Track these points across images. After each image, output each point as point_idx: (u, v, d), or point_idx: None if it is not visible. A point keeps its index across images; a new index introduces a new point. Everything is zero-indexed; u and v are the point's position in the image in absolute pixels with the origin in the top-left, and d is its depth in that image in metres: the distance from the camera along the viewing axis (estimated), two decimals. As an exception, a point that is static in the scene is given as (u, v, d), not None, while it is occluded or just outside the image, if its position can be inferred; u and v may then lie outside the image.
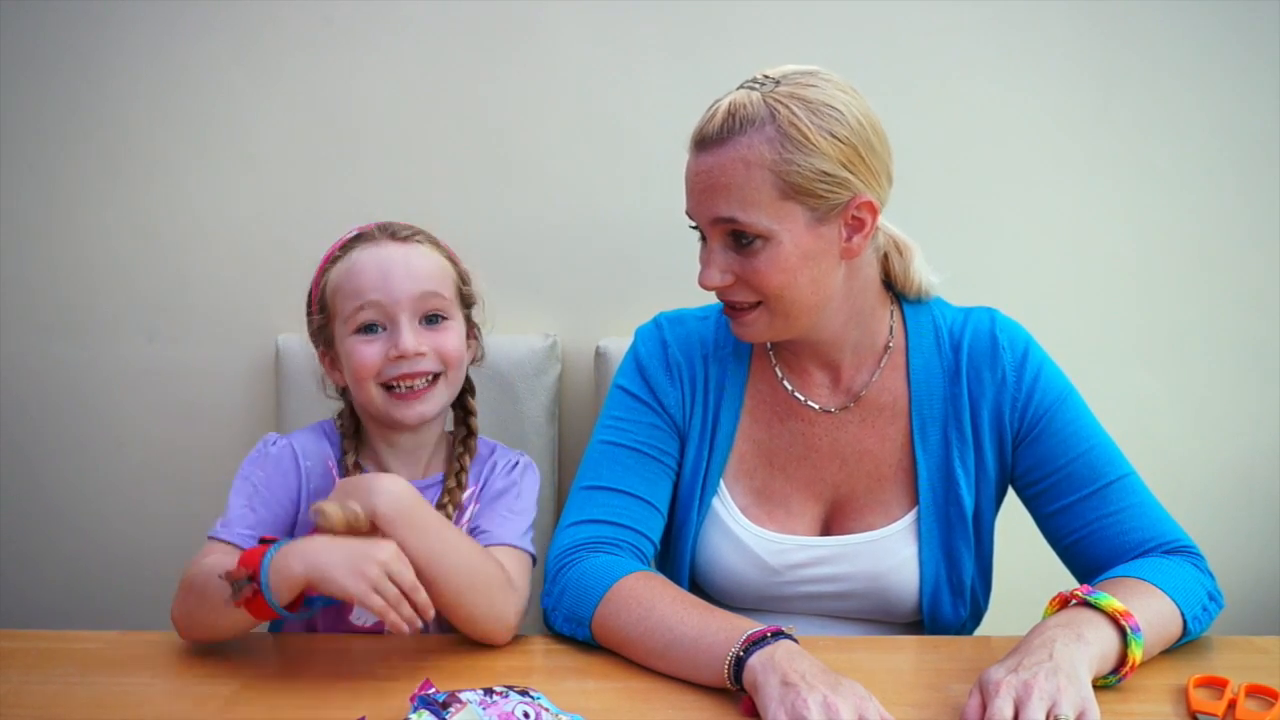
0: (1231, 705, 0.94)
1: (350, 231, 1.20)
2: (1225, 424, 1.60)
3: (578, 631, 1.07)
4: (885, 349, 1.18)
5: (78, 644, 1.08)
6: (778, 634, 0.95)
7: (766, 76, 1.07)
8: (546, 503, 1.53)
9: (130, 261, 1.60)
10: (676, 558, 1.20)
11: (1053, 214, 1.56)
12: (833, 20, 1.50)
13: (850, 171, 1.05)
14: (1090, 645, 0.92)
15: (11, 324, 1.63)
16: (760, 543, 1.16)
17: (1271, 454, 1.61)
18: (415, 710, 0.86)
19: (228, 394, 1.63)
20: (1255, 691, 0.96)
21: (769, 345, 1.20)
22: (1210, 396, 1.60)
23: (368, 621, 1.15)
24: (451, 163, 1.56)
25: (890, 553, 1.14)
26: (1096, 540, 1.10)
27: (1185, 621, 1.01)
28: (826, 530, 1.18)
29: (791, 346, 1.18)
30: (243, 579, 0.97)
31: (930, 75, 1.52)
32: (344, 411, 1.22)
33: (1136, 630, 0.95)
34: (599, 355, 1.53)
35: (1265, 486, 1.62)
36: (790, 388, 1.19)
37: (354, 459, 1.18)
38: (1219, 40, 1.50)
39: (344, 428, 1.21)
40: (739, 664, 0.93)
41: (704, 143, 1.06)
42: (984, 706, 0.87)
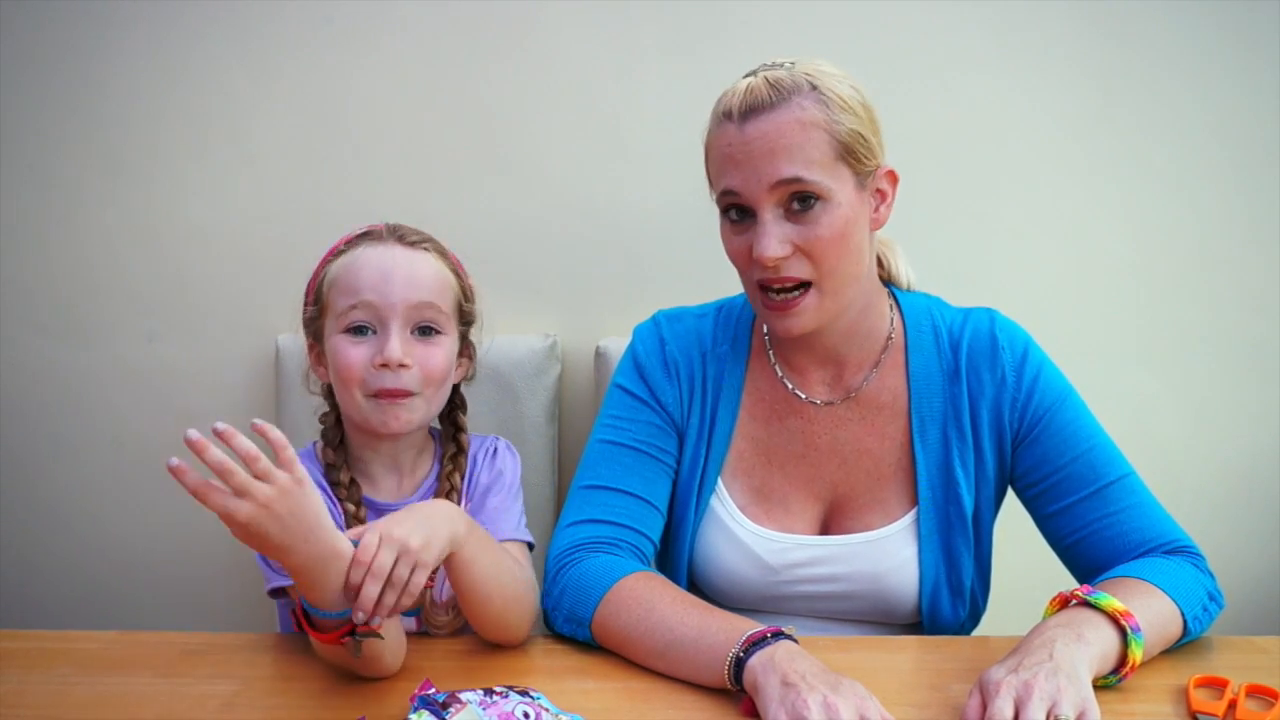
0: (1232, 705, 0.94)
1: (359, 228, 1.19)
2: (1225, 424, 1.60)
3: (578, 632, 1.07)
4: (885, 345, 1.18)
5: (78, 644, 1.08)
6: (778, 634, 0.95)
7: (774, 63, 1.08)
8: (546, 503, 1.54)
9: (130, 261, 1.60)
10: (674, 557, 1.20)
11: (1053, 214, 1.56)
12: (832, 20, 1.50)
13: (876, 138, 1.08)
14: (1090, 645, 0.92)
15: (11, 324, 1.63)
16: (759, 541, 1.16)
17: (1271, 454, 1.61)
18: (415, 710, 0.86)
19: (228, 394, 1.62)
20: (1255, 691, 0.96)
21: (768, 343, 1.20)
22: (1210, 396, 1.60)
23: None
24: (451, 162, 1.56)
25: (889, 553, 1.14)
26: (1097, 541, 1.10)
27: (1185, 621, 1.02)
28: (825, 529, 1.17)
29: (797, 344, 1.17)
30: (359, 636, 0.93)
31: (930, 75, 1.51)
32: (328, 417, 1.19)
33: (1137, 630, 0.95)
34: (599, 355, 1.53)
35: (1265, 486, 1.62)
36: (790, 385, 1.19)
37: (348, 477, 1.15)
38: (1219, 40, 1.50)
39: (328, 437, 1.17)
40: (739, 665, 0.93)
41: (753, 111, 1.04)
42: (984, 706, 0.87)
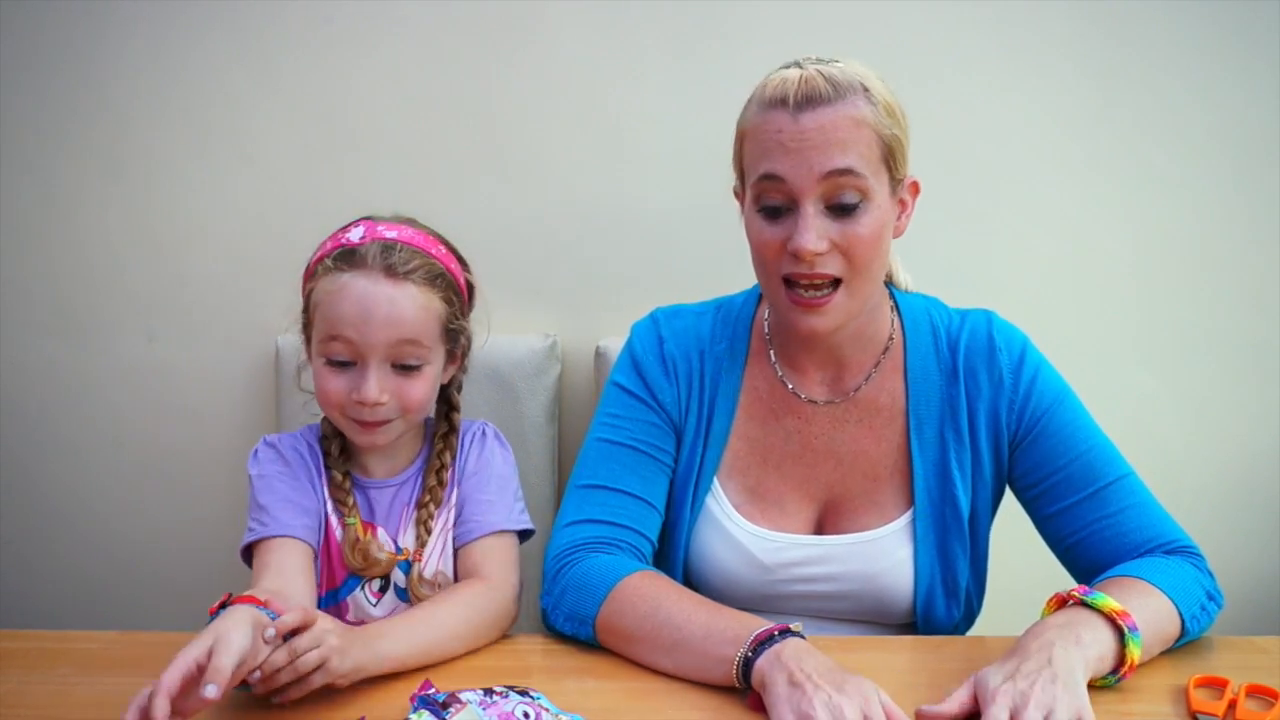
0: (1232, 705, 0.94)
1: (356, 225, 1.17)
2: (1225, 424, 1.60)
3: (580, 630, 1.07)
4: (886, 347, 1.18)
5: (78, 644, 1.08)
6: (785, 632, 0.95)
7: (818, 58, 1.08)
8: (546, 503, 1.54)
9: (130, 261, 1.60)
10: (670, 555, 1.20)
11: (1052, 214, 1.56)
12: (832, 20, 1.50)
13: (908, 147, 1.09)
14: (1088, 647, 0.92)
15: (11, 324, 1.63)
16: (753, 541, 1.16)
17: (1271, 454, 1.61)
18: (415, 710, 0.86)
19: (227, 394, 1.63)
20: (1255, 692, 0.96)
21: (769, 341, 1.20)
22: (1210, 396, 1.60)
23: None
24: (451, 163, 1.56)
25: (885, 554, 1.14)
26: (1096, 541, 1.10)
27: (1183, 621, 1.01)
28: (820, 530, 1.17)
29: (800, 343, 1.17)
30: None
31: (930, 75, 1.51)
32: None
33: (1134, 630, 0.95)
34: (599, 355, 1.53)
35: (1265, 486, 1.62)
36: (790, 385, 1.19)
37: (339, 448, 1.20)
38: (1219, 40, 1.50)
39: (327, 423, 1.21)
40: (747, 664, 0.93)
41: (809, 101, 1.03)
42: (974, 703, 0.89)
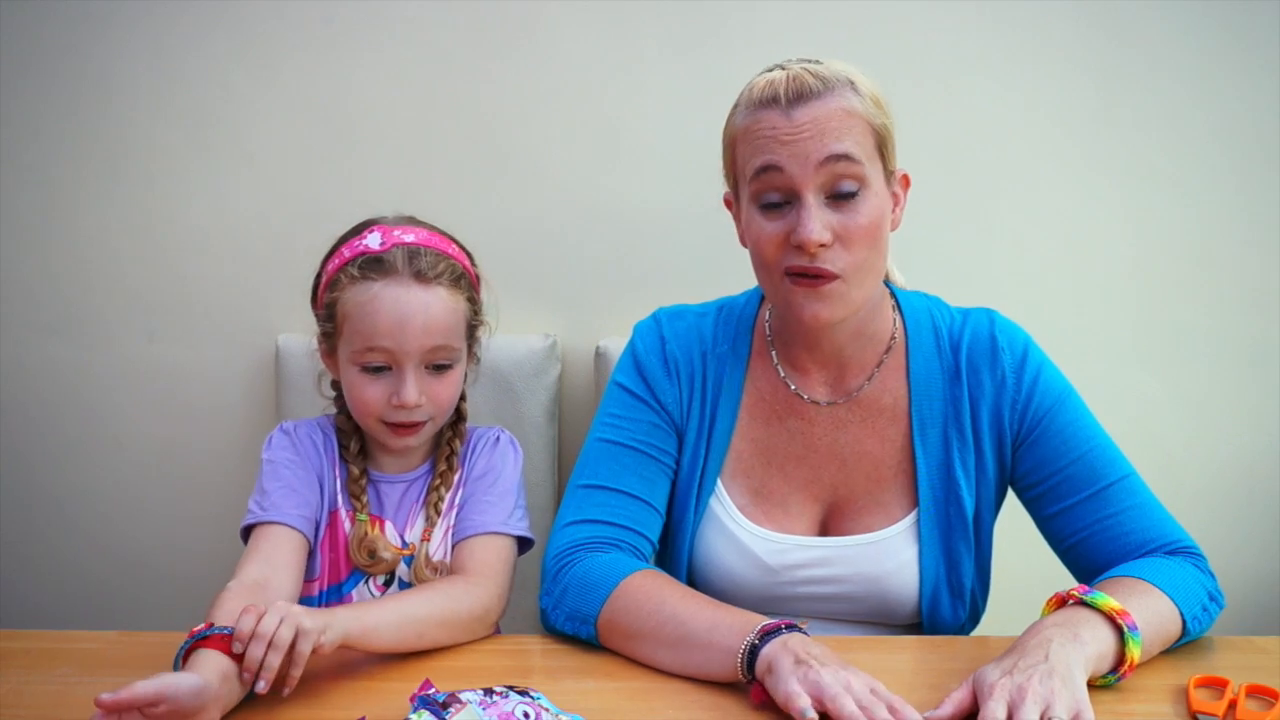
0: (1232, 705, 0.94)
1: (371, 230, 1.17)
2: (1225, 424, 1.60)
3: (581, 630, 1.06)
4: (888, 347, 1.18)
5: (78, 644, 1.08)
6: (791, 626, 0.96)
7: (801, 59, 1.09)
8: (546, 503, 1.54)
9: (130, 261, 1.60)
10: (674, 557, 1.20)
11: (1052, 214, 1.56)
12: (833, 20, 1.50)
13: (894, 141, 1.09)
14: (1086, 645, 0.92)
15: (11, 324, 1.63)
16: (758, 542, 1.15)
17: (1271, 454, 1.61)
18: (415, 710, 0.86)
19: (228, 394, 1.63)
20: (1255, 692, 0.96)
21: (771, 342, 1.20)
22: (1210, 396, 1.60)
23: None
24: (451, 162, 1.56)
25: (890, 555, 1.14)
26: (1098, 542, 1.10)
27: (1184, 621, 1.01)
28: (825, 531, 1.17)
29: (802, 342, 1.17)
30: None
31: (930, 75, 1.52)
32: (340, 401, 1.24)
33: (1134, 629, 0.95)
34: (599, 355, 1.53)
35: (1265, 486, 1.62)
36: (792, 385, 1.19)
37: (357, 445, 1.21)
38: (1219, 40, 1.50)
39: (343, 419, 1.23)
40: (753, 652, 0.93)
41: (800, 97, 1.04)
42: (973, 701, 0.89)
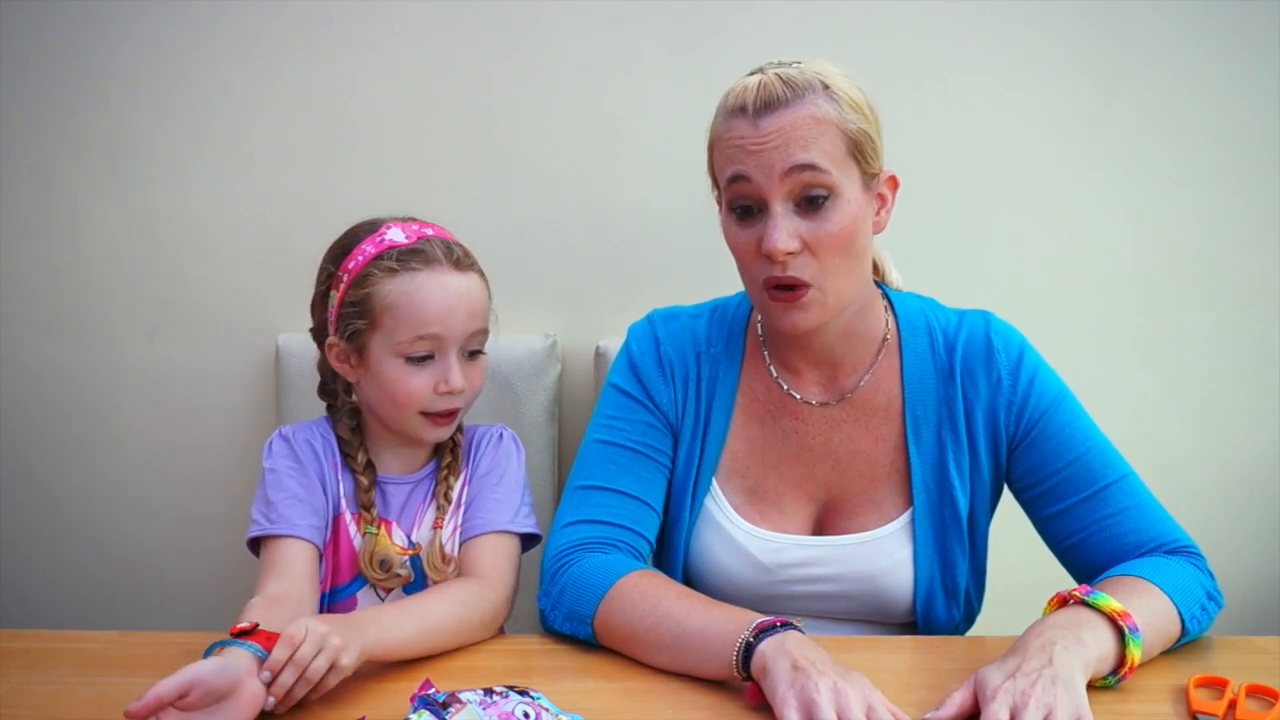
0: (1232, 705, 0.94)
1: (389, 226, 1.17)
2: (1225, 424, 1.60)
3: (579, 630, 1.07)
4: (880, 347, 1.18)
5: (78, 644, 1.08)
6: (786, 624, 0.96)
7: (780, 61, 1.08)
8: (546, 502, 1.53)
9: (130, 261, 1.60)
10: (670, 556, 1.20)
11: (1052, 214, 1.56)
12: (832, 20, 1.50)
13: (879, 140, 1.09)
14: (1088, 648, 0.92)
15: (11, 324, 1.63)
16: (753, 541, 1.16)
17: (1271, 454, 1.61)
18: (415, 710, 0.86)
19: (228, 394, 1.63)
20: (1255, 691, 0.96)
21: (763, 343, 1.20)
22: (1210, 396, 1.60)
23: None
24: (451, 162, 1.56)
25: (884, 554, 1.14)
26: (1096, 542, 1.10)
27: (1184, 621, 1.01)
28: (819, 530, 1.17)
29: (793, 344, 1.17)
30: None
31: (930, 75, 1.52)
32: (341, 410, 1.23)
33: (1135, 631, 0.95)
34: (599, 355, 1.53)
35: (1265, 486, 1.62)
36: (785, 386, 1.19)
37: (365, 458, 1.20)
38: (1219, 40, 1.50)
39: (346, 420, 1.22)
40: (748, 650, 0.93)
41: (768, 106, 1.04)
42: (973, 702, 0.89)
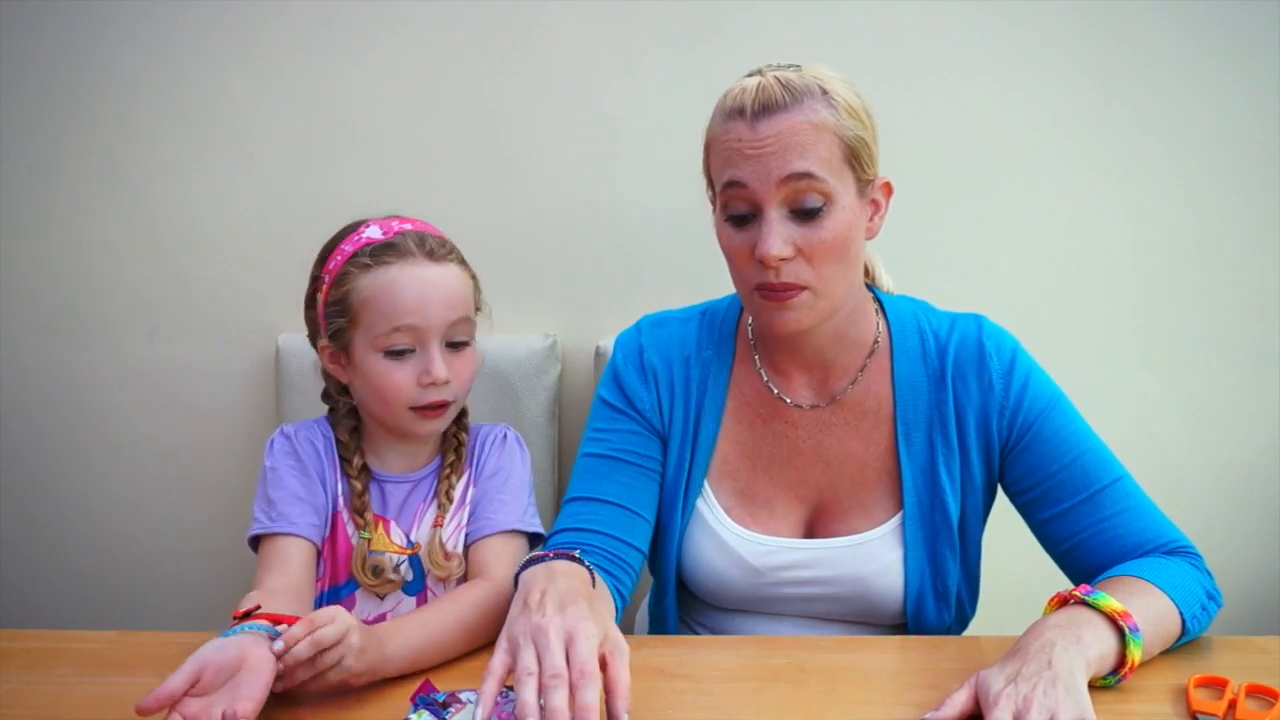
0: (1231, 705, 0.94)
1: (366, 226, 1.18)
2: (1225, 424, 1.60)
3: None
4: (871, 350, 1.17)
5: (78, 644, 1.08)
6: (560, 556, 0.98)
7: (779, 64, 1.08)
8: (547, 503, 1.54)
9: (130, 261, 1.60)
10: (663, 559, 1.20)
11: (1052, 214, 1.56)
12: (832, 20, 1.50)
13: (875, 147, 1.09)
14: (1089, 648, 0.92)
15: (13, 324, 1.63)
16: (744, 544, 1.15)
17: (1271, 454, 1.61)
18: (415, 710, 0.87)
19: (228, 394, 1.63)
20: (1255, 691, 0.96)
21: (754, 346, 1.20)
22: (1210, 396, 1.60)
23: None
24: (451, 162, 1.56)
25: (874, 556, 1.14)
26: (1093, 545, 1.10)
27: (1184, 621, 1.01)
28: (810, 532, 1.17)
29: (783, 347, 1.17)
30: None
31: (929, 75, 1.52)
32: (342, 405, 1.23)
33: (1135, 631, 0.95)
34: (599, 355, 1.53)
35: (1265, 486, 1.62)
36: (775, 389, 1.19)
37: (360, 461, 1.21)
38: (1219, 40, 1.50)
39: (342, 420, 1.22)
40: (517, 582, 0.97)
41: (766, 109, 1.04)
42: (974, 703, 0.89)
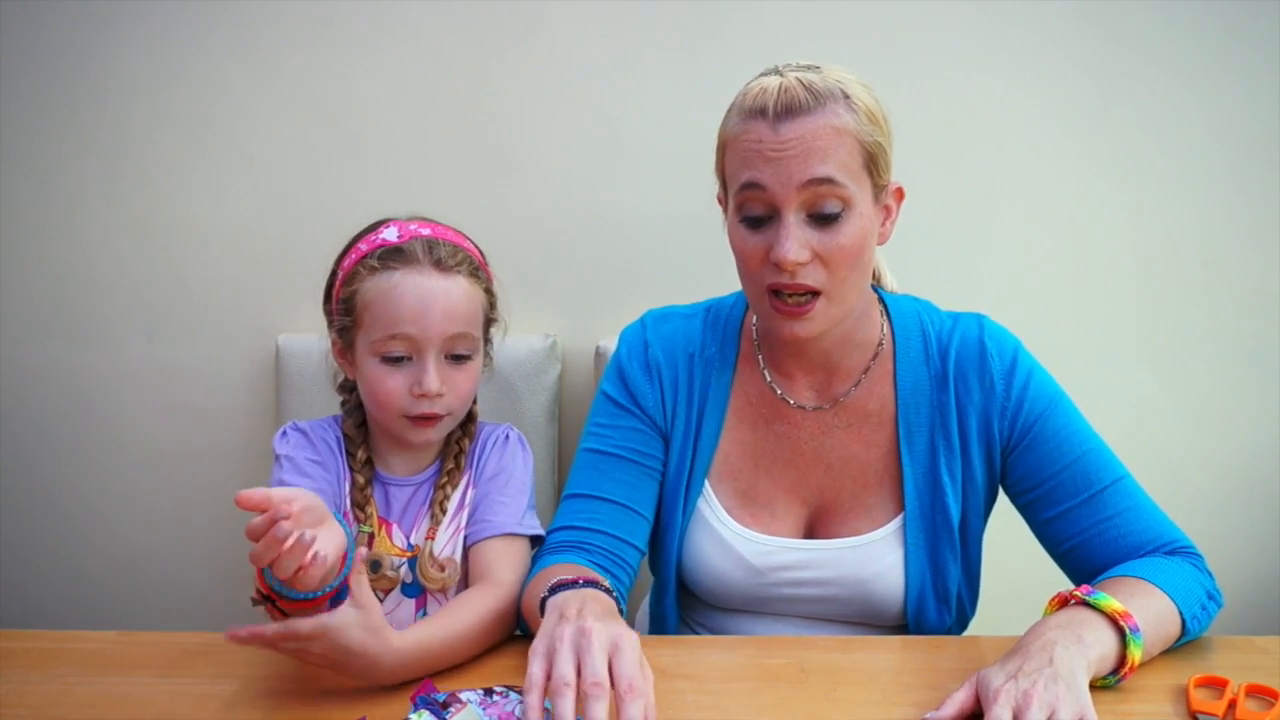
0: (1231, 705, 0.94)
1: (386, 226, 1.18)
2: (1225, 424, 1.60)
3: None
4: (875, 353, 1.17)
5: (78, 644, 1.08)
6: (590, 583, 0.96)
7: (799, 64, 1.07)
8: (547, 503, 1.53)
9: (130, 261, 1.60)
10: (663, 558, 1.20)
11: (1052, 214, 1.56)
12: (832, 19, 1.50)
13: (890, 153, 1.08)
14: (1089, 648, 0.92)
15: (11, 324, 1.63)
16: (744, 543, 1.15)
17: (1271, 454, 1.61)
18: (415, 710, 0.87)
19: (228, 394, 1.63)
20: (1255, 691, 0.96)
21: (758, 346, 1.20)
22: (1210, 396, 1.60)
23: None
24: (451, 163, 1.56)
25: (875, 558, 1.14)
26: (1095, 545, 1.10)
27: (1184, 621, 1.01)
28: (811, 534, 1.17)
29: (788, 349, 1.17)
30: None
31: (930, 74, 1.52)
32: (349, 405, 1.23)
33: (1136, 631, 0.95)
34: (599, 355, 1.53)
35: (1265, 486, 1.62)
36: (778, 390, 1.19)
37: (365, 455, 1.21)
38: (1219, 40, 1.50)
39: (351, 415, 1.22)
40: (544, 606, 0.95)
41: (789, 111, 1.03)
42: (974, 702, 0.89)
